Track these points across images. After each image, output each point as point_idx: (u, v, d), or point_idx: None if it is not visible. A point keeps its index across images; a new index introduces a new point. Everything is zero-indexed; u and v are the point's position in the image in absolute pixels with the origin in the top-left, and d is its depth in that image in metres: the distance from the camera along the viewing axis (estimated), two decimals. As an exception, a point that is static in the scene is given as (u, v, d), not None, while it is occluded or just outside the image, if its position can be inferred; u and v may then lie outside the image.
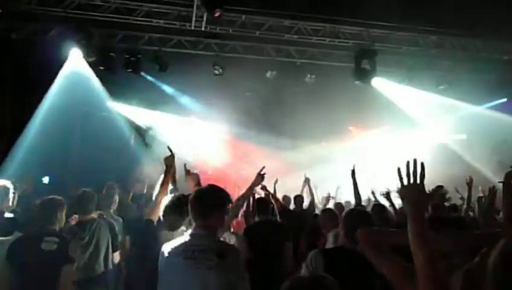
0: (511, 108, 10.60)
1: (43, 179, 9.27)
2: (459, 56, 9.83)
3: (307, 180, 7.35)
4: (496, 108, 10.86)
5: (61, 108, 8.81)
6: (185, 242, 2.76)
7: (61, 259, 3.40)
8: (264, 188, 6.22)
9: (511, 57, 9.77)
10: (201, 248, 2.69)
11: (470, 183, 5.50)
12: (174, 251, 2.75)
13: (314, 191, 7.32)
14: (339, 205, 6.80)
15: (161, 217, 3.33)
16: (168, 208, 3.29)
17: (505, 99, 10.98)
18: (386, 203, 5.29)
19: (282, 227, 5.37)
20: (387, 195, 4.50)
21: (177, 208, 3.26)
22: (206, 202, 2.83)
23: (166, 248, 2.80)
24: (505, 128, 10.35)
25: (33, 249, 3.39)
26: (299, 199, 7.33)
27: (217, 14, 7.23)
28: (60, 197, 3.80)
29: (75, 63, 8.76)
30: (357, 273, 3.26)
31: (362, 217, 3.42)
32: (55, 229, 3.65)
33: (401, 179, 1.88)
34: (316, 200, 7.43)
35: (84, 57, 8.46)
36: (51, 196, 3.78)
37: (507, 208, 2.28)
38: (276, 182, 6.99)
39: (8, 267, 3.33)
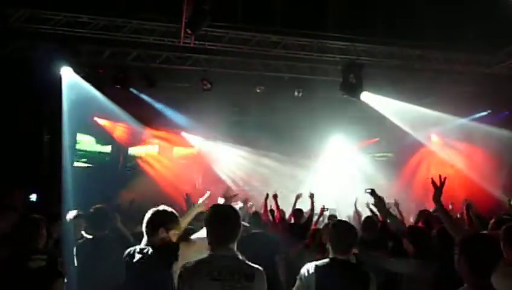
0: (494, 120, 10.79)
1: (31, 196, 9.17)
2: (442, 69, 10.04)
3: (311, 196, 7.45)
4: (480, 120, 11.04)
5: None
6: (210, 263, 2.68)
7: (52, 275, 3.39)
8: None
9: (493, 70, 9.99)
10: (229, 269, 2.64)
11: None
12: (198, 271, 2.65)
13: (314, 206, 7.40)
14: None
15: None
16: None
17: (488, 111, 11.16)
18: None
19: (272, 240, 5.40)
20: (372, 191, 4.52)
21: None
22: (234, 223, 2.80)
23: (187, 267, 2.70)
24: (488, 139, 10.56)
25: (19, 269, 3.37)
26: (299, 212, 7.41)
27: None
28: (37, 216, 3.79)
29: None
30: (349, 284, 3.30)
31: (348, 228, 3.49)
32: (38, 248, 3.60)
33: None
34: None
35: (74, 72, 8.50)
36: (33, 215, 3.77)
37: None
38: (276, 196, 7.42)
39: None
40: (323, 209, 7.66)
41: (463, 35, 8.87)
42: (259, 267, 2.77)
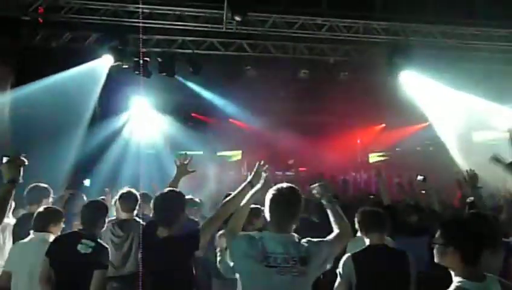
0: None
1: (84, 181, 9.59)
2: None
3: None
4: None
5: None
6: (265, 247, 2.60)
7: (95, 263, 3.49)
8: None
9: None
10: (283, 255, 2.56)
11: None
12: (252, 256, 2.59)
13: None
14: None
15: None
16: None
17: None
18: None
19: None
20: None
21: None
22: (297, 205, 2.73)
23: (238, 251, 2.67)
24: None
25: (70, 250, 3.50)
26: None
27: None
28: (104, 203, 3.92)
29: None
30: (388, 267, 3.26)
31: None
32: (94, 233, 3.71)
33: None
34: None
35: (118, 62, 8.70)
36: (95, 199, 3.91)
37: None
38: None
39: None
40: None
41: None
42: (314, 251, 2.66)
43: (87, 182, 9.65)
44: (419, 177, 4.83)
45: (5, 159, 2.76)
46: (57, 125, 8.33)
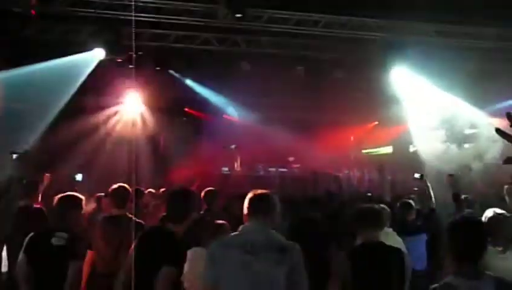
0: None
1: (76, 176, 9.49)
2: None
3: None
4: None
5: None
6: (243, 236, 2.77)
7: (69, 254, 3.51)
8: None
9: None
10: (261, 243, 2.69)
11: None
12: (230, 244, 2.76)
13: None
14: None
15: None
16: None
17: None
18: None
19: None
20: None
21: None
22: (270, 199, 2.89)
23: (219, 242, 2.87)
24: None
25: (44, 244, 3.53)
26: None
27: None
28: (78, 196, 3.90)
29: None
30: (383, 264, 3.26)
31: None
32: (68, 225, 3.72)
33: None
34: None
35: (111, 56, 8.62)
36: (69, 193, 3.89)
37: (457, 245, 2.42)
38: None
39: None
40: None
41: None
42: (294, 242, 2.79)
43: (79, 177, 9.56)
44: (416, 175, 4.85)
45: (14, 156, 2.72)
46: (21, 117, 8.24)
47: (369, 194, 7.13)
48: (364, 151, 14.92)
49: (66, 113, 9.17)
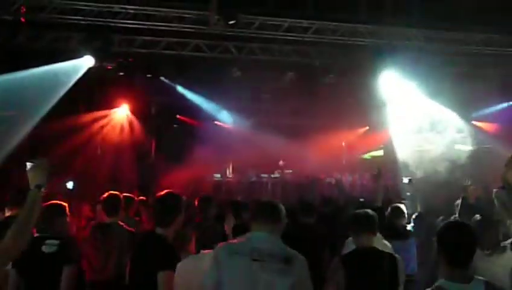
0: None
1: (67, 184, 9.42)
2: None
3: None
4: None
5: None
6: (249, 243, 2.73)
7: (63, 260, 3.49)
8: None
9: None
10: (268, 251, 2.67)
11: None
12: (236, 250, 2.72)
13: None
14: None
15: None
16: None
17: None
18: None
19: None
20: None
21: None
22: (279, 208, 2.91)
23: (225, 246, 2.82)
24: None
25: (35, 253, 3.47)
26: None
27: None
28: (61, 203, 3.87)
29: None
30: (376, 269, 3.28)
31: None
32: (58, 232, 3.68)
33: None
34: None
35: (102, 63, 8.59)
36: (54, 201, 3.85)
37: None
38: None
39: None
40: None
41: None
42: (299, 254, 2.77)
43: (70, 185, 9.49)
44: (405, 180, 4.86)
45: (29, 165, 2.63)
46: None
47: (362, 199, 7.15)
48: (358, 156, 14.94)
49: (56, 119, 9.10)
